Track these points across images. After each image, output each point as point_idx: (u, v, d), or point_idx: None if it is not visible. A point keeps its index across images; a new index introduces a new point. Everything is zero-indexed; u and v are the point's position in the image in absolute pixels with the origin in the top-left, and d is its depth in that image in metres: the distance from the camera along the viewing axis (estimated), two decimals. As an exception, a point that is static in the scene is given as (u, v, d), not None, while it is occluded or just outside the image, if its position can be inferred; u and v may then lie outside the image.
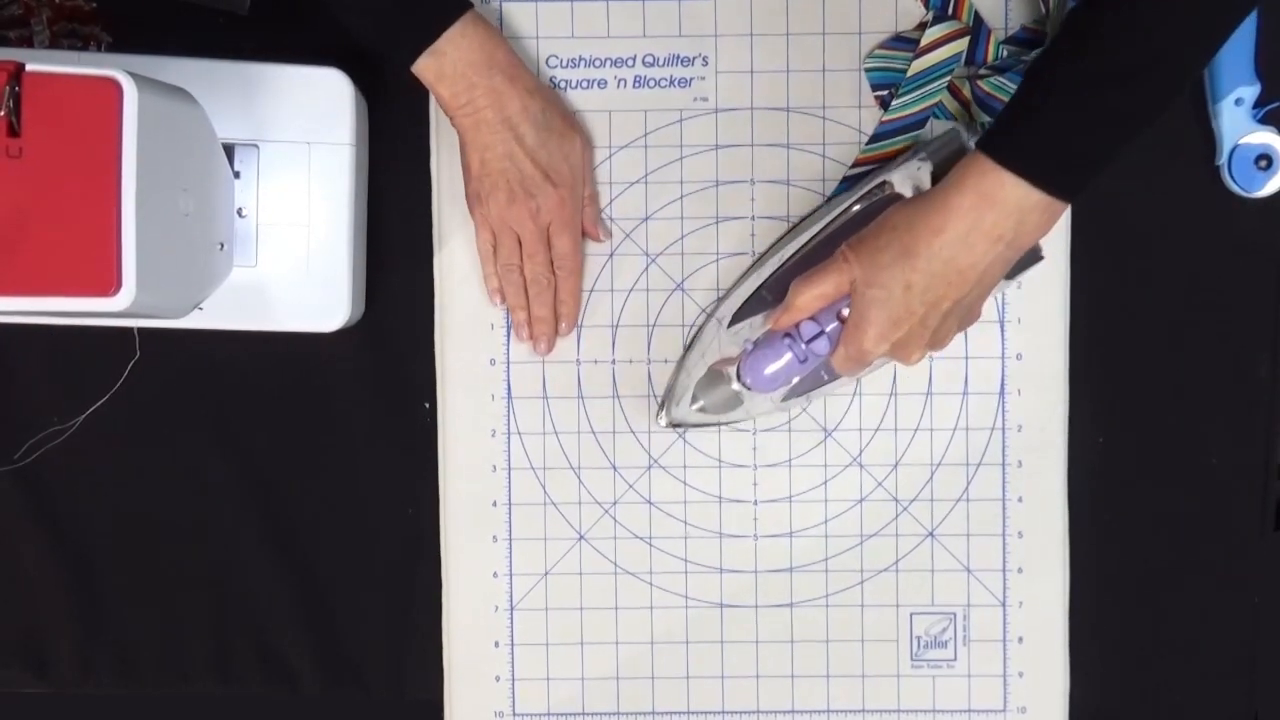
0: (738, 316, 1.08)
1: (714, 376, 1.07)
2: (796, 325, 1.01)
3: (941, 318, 0.94)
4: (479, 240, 1.09)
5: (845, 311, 0.99)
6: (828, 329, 1.00)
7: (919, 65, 1.08)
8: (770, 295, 1.07)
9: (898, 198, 1.04)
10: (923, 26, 1.09)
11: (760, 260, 1.10)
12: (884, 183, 1.06)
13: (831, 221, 1.07)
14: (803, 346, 1.01)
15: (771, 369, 1.03)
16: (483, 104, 1.03)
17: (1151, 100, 0.88)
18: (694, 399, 1.08)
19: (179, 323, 1.02)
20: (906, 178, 1.05)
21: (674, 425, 1.09)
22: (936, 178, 1.02)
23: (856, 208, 1.06)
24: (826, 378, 1.06)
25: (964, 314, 0.96)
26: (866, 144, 1.10)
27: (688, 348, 1.10)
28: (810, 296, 0.98)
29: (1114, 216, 1.10)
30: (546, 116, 1.05)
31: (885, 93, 1.10)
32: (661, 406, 1.09)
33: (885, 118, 1.10)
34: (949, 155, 1.04)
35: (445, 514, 1.13)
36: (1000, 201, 0.89)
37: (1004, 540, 1.13)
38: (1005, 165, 0.88)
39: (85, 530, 1.14)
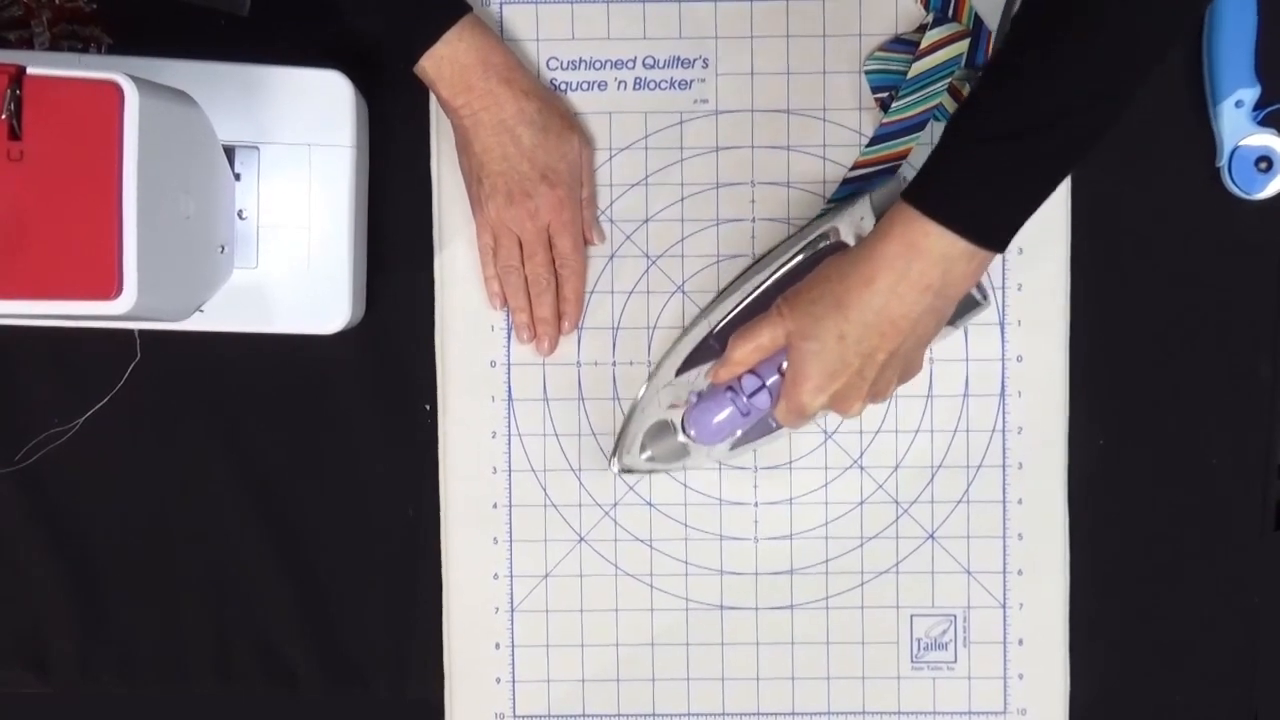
0: (685, 365, 1.08)
1: (662, 427, 1.07)
2: (738, 378, 1.01)
3: (878, 369, 0.94)
4: (479, 242, 1.10)
5: (785, 364, 0.98)
6: (768, 382, 1.01)
7: (919, 67, 1.08)
8: (717, 344, 1.06)
9: (842, 246, 1.04)
10: (923, 29, 1.08)
11: (707, 309, 1.10)
12: (828, 231, 1.06)
13: (776, 270, 1.07)
14: (744, 400, 1.01)
15: (715, 421, 1.03)
16: (479, 106, 1.03)
17: (1069, 149, 0.88)
18: (643, 448, 1.08)
19: (180, 325, 1.02)
20: (850, 226, 1.04)
21: (625, 472, 1.09)
22: None
23: (800, 257, 1.06)
24: (774, 426, 1.05)
25: (902, 364, 0.96)
26: (866, 146, 1.10)
27: (638, 394, 1.10)
28: (747, 350, 0.98)
29: (1114, 218, 1.10)
30: (543, 118, 1.05)
31: (885, 95, 1.10)
32: (614, 453, 1.09)
33: (885, 120, 1.10)
34: (892, 204, 1.03)
35: (446, 515, 1.13)
36: (925, 251, 0.89)
37: (1004, 542, 1.13)
38: (928, 215, 0.88)
39: (85, 531, 1.14)
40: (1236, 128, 1.10)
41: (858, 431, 1.13)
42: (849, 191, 1.10)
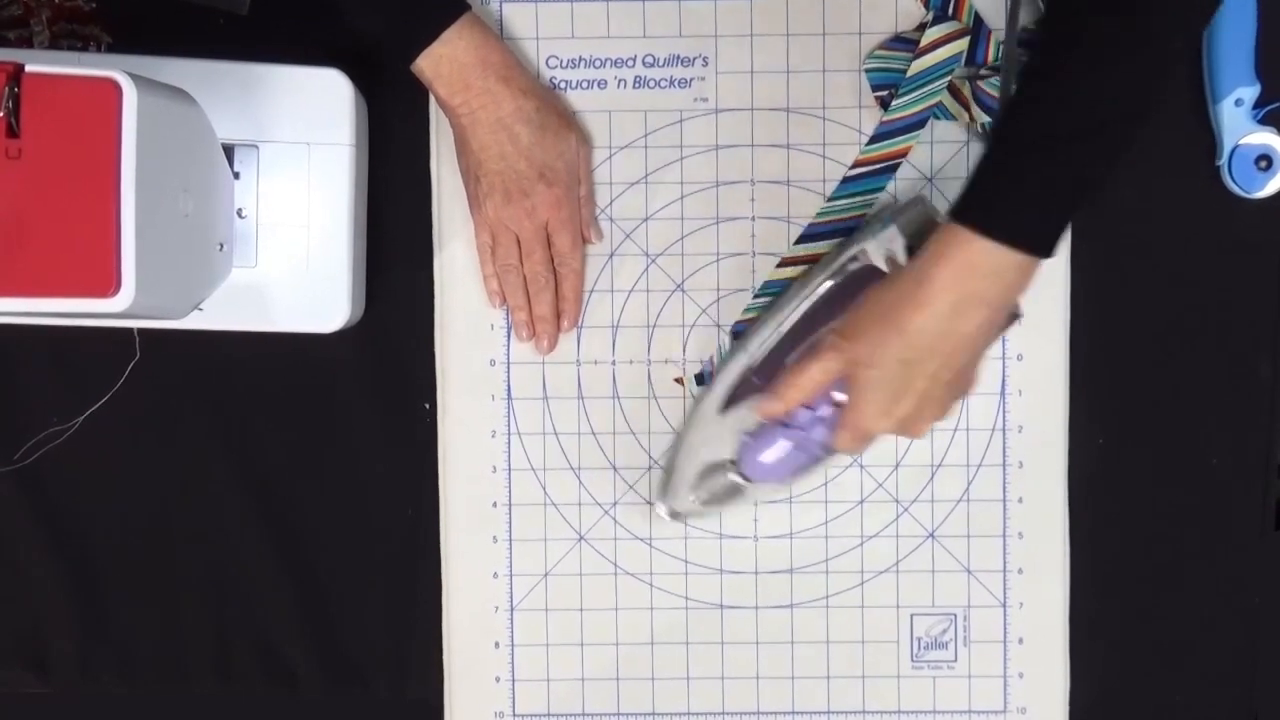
0: (729, 403, 1.07)
1: (712, 469, 1.06)
2: (790, 412, 1.01)
3: (943, 388, 0.94)
4: (478, 241, 1.10)
5: (837, 395, 0.98)
6: (822, 413, 1.00)
7: (919, 65, 1.08)
8: (759, 380, 1.05)
9: (873, 269, 1.03)
10: (923, 27, 1.08)
11: (743, 342, 1.09)
12: (857, 254, 1.05)
13: (809, 297, 1.06)
14: (801, 434, 1.01)
15: (772, 460, 1.03)
16: (478, 105, 1.03)
17: (1113, 151, 0.89)
18: (692, 491, 1.07)
19: (179, 323, 1.02)
20: (880, 248, 1.04)
21: (674, 516, 1.09)
22: (910, 247, 1.02)
23: (831, 283, 1.06)
24: (825, 454, 1.04)
25: (962, 382, 0.96)
26: (867, 144, 1.10)
27: (680, 434, 1.10)
28: (804, 383, 0.98)
29: (1114, 217, 1.10)
30: (541, 116, 1.05)
31: (885, 93, 1.10)
32: (661, 495, 1.09)
33: (885, 118, 1.10)
34: (919, 224, 1.03)
35: (445, 515, 1.13)
36: (981, 267, 0.90)
37: (1004, 541, 1.13)
38: (982, 232, 0.89)
39: (85, 530, 1.14)
40: (1236, 126, 1.10)
41: (858, 430, 1.13)
42: (849, 190, 1.10)
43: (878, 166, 1.10)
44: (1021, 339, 1.12)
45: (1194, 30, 0.89)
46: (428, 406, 1.13)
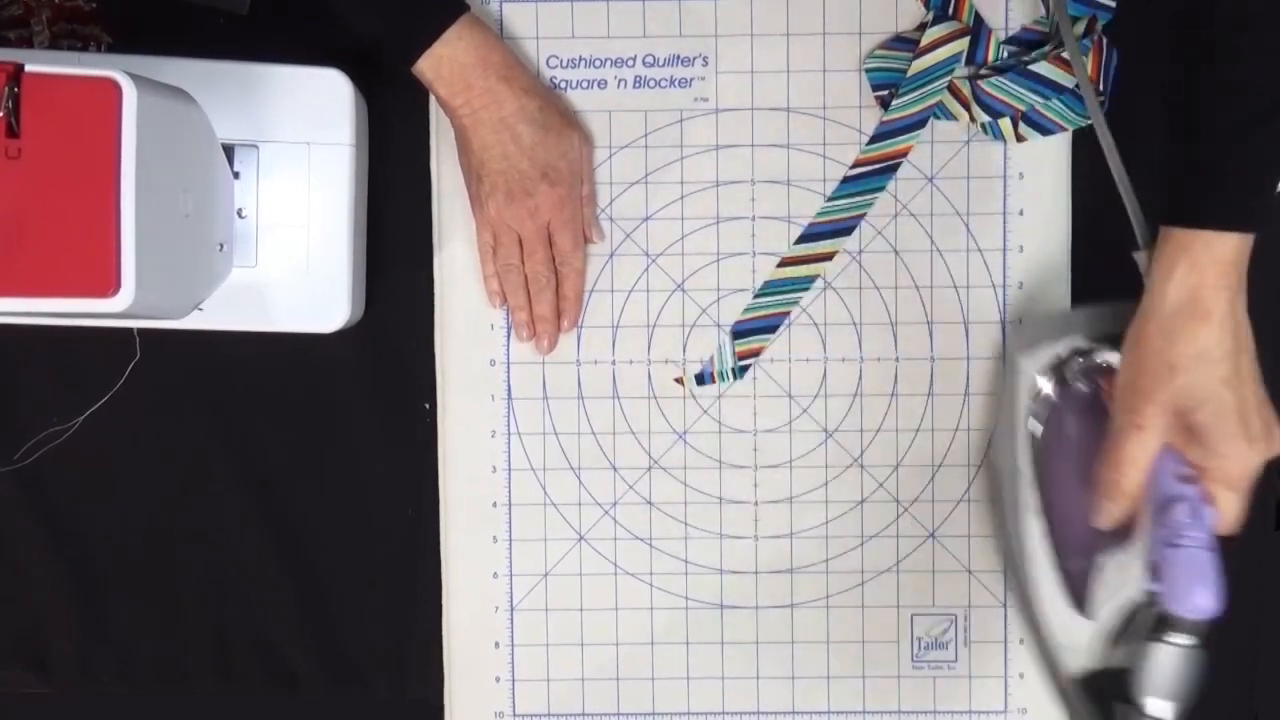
0: (1123, 638, 0.96)
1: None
2: (1172, 537, 0.91)
3: (1256, 378, 0.92)
4: (479, 241, 1.10)
5: (1178, 471, 0.92)
6: (1194, 494, 0.91)
7: (919, 65, 1.08)
8: (1073, 566, 1.00)
9: (1095, 365, 1.01)
10: (923, 27, 1.08)
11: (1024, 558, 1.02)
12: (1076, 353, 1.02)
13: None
14: (1199, 534, 0.90)
15: (1201, 584, 0.90)
16: (479, 104, 1.03)
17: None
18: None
19: (179, 323, 1.02)
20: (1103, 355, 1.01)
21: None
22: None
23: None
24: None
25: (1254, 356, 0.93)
26: (867, 144, 1.10)
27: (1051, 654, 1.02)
28: (1133, 474, 0.93)
29: (1114, 217, 1.10)
30: (543, 115, 1.05)
31: (885, 93, 1.10)
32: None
33: (885, 118, 1.10)
34: (1112, 329, 1.00)
35: (445, 515, 1.13)
36: (1229, 260, 0.90)
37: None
38: (1221, 229, 0.90)
39: (85, 530, 1.14)
40: (1237, 126, 1.09)
41: (858, 430, 1.13)
42: (849, 190, 1.10)
43: (878, 166, 1.10)
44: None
45: None
46: (428, 406, 1.13)
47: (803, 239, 1.11)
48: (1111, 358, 1.01)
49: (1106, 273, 1.11)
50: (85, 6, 1.10)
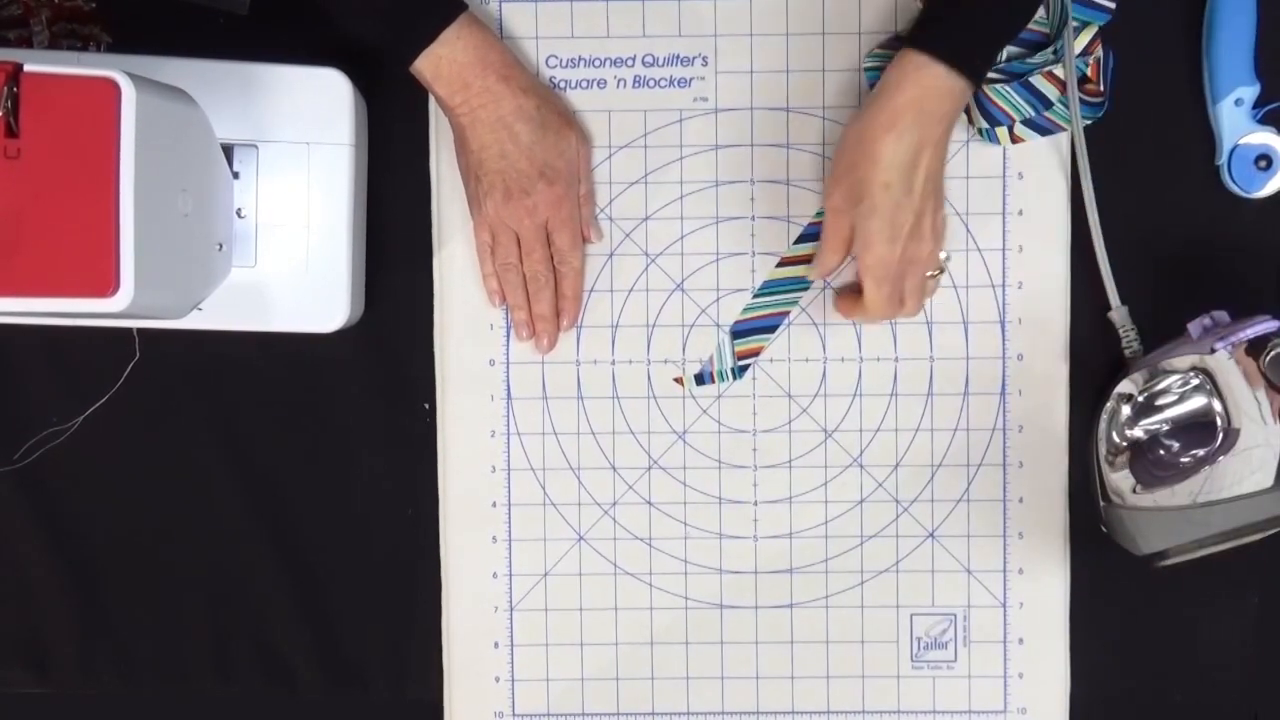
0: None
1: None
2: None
3: (930, 202, 1.02)
4: (477, 240, 1.10)
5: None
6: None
7: None
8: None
9: None
10: (923, 27, 1.09)
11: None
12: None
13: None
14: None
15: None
16: (477, 103, 1.03)
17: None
18: None
19: (178, 323, 1.02)
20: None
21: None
22: None
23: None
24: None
25: (937, 192, 1.03)
26: None
27: None
28: (830, 249, 1.05)
29: (1114, 217, 1.10)
30: (542, 115, 1.05)
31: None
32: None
33: None
34: None
35: (445, 514, 1.13)
36: (935, 89, 1.00)
37: (1004, 541, 1.13)
38: (940, 59, 0.99)
39: (85, 530, 1.14)
40: (1236, 126, 1.10)
41: (858, 430, 1.13)
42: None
43: None
44: (1022, 339, 1.12)
45: None
46: (427, 406, 1.13)
47: (802, 239, 1.11)
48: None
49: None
50: (85, 6, 1.10)
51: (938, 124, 1.01)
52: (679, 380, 1.13)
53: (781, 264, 1.11)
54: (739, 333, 1.12)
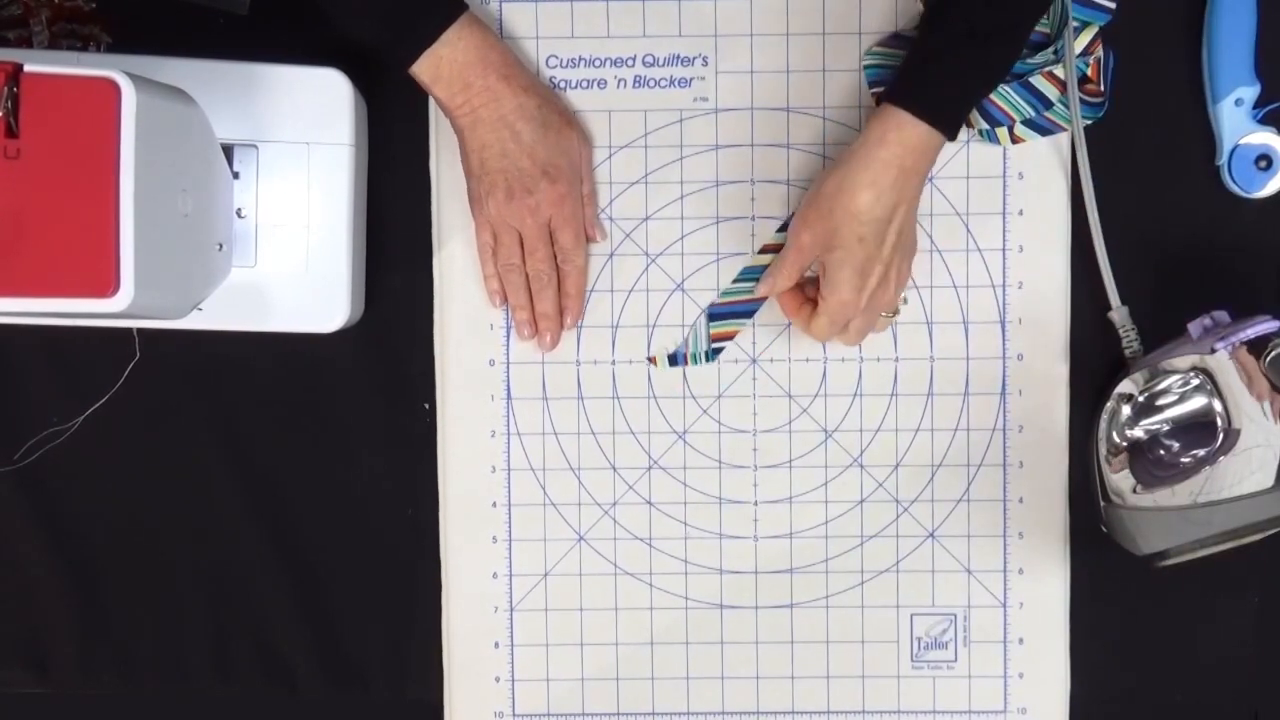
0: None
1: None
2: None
3: (900, 255, 1.04)
4: (479, 240, 1.09)
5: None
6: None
7: None
8: None
9: None
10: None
11: None
12: None
13: None
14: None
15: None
16: (479, 103, 1.03)
17: (1014, 53, 1.04)
18: None
19: (179, 323, 1.02)
20: None
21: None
22: None
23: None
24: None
25: (907, 246, 1.05)
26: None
27: None
28: (784, 275, 1.06)
29: (1114, 217, 1.10)
30: (543, 114, 1.05)
31: (881, 90, 1.10)
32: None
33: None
34: None
35: (445, 514, 1.13)
36: (915, 146, 1.01)
37: (1005, 541, 1.13)
38: (920, 116, 1.00)
39: (85, 530, 1.14)
40: (1236, 126, 1.10)
41: (858, 430, 1.13)
42: None
43: None
44: (1022, 339, 1.12)
45: None
46: (427, 406, 1.13)
47: (784, 227, 1.11)
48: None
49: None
50: (85, 6, 1.10)
51: (916, 180, 1.02)
52: (652, 360, 1.13)
53: (763, 250, 1.11)
54: (715, 315, 1.12)
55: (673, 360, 1.13)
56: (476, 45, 1.02)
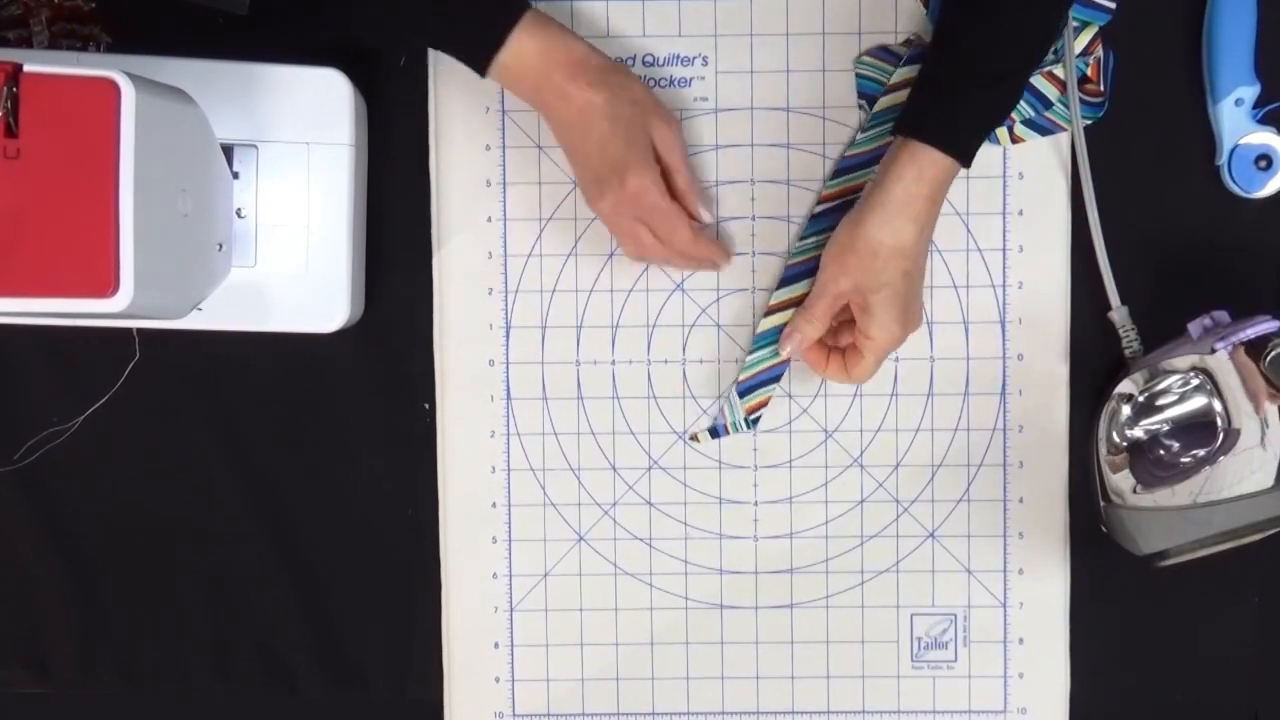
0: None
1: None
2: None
3: (923, 277, 1.07)
4: (619, 243, 1.08)
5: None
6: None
7: (885, 103, 1.09)
8: None
9: None
10: (909, 43, 1.09)
11: None
12: None
13: None
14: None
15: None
16: (553, 105, 1.02)
17: (1023, 86, 1.05)
18: None
19: (178, 323, 1.02)
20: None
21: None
22: None
23: None
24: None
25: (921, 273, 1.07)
26: (829, 179, 1.11)
27: None
28: (817, 321, 1.07)
29: (1114, 217, 1.10)
30: (612, 108, 1.02)
31: (864, 102, 1.10)
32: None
33: (848, 153, 1.10)
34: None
35: (445, 515, 1.13)
36: (944, 180, 1.02)
37: (1005, 541, 1.13)
38: (948, 152, 1.01)
39: (85, 530, 1.14)
40: (1236, 126, 1.10)
41: (858, 430, 1.13)
42: (819, 227, 1.10)
43: (843, 201, 1.10)
44: (1022, 339, 1.12)
45: None
46: (427, 406, 1.13)
47: (784, 283, 1.11)
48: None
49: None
50: (85, 6, 1.10)
51: (939, 207, 1.04)
52: (695, 437, 1.13)
53: (769, 313, 1.11)
54: (745, 391, 1.12)
55: (713, 433, 1.13)
56: (539, 48, 1.00)
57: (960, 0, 1.02)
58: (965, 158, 1.01)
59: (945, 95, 1.01)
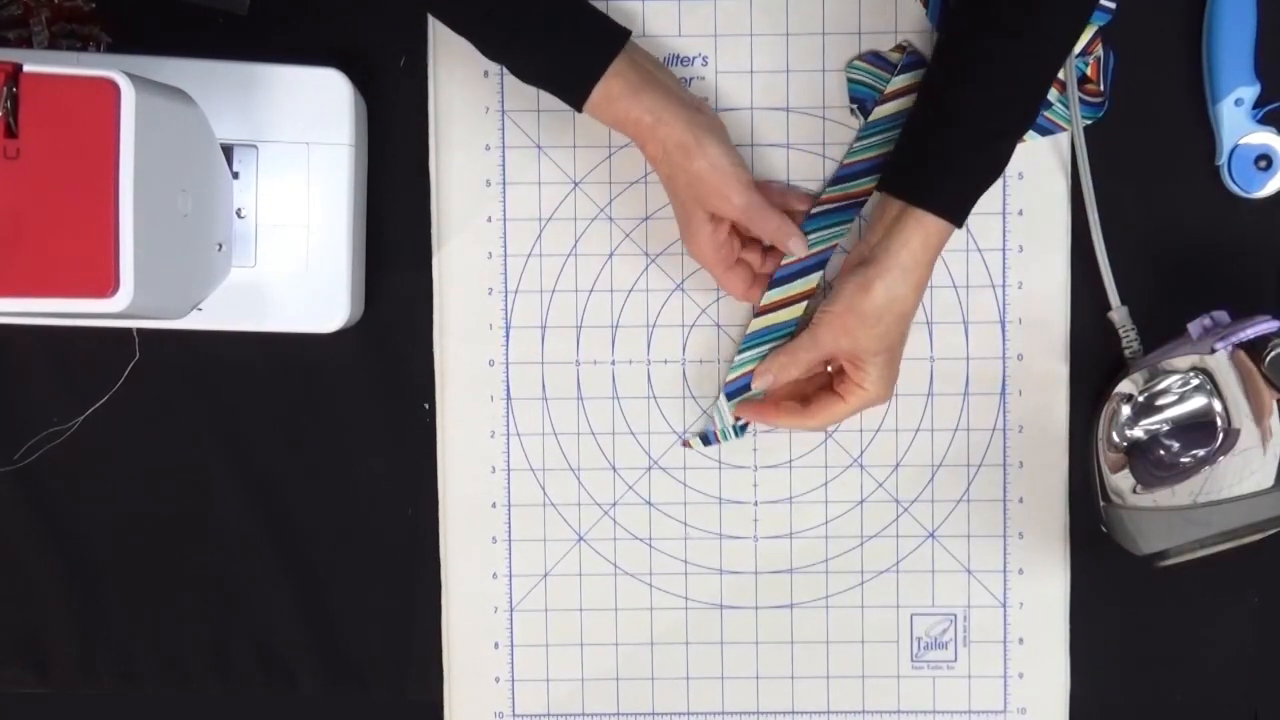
0: None
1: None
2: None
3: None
4: (723, 283, 1.09)
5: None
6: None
7: (881, 112, 1.09)
8: None
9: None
10: (901, 49, 1.09)
11: None
12: None
13: None
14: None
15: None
16: (641, 141, 1.03)
17: (1014, 146, 1.04)
18: None
19: (178, 323, 1.02)
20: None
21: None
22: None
23: None
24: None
25: None
26: (829, 185, 1.10)
27: None
28: (798, 367, 1.07)
29: (1114, 217, 1.10)
30: (671, 185, 1.04)
31: (855, 106, 1.10)
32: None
33: (845, 160, 1.10)
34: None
35: (445, 515, 1.13)
36: (941, 245, 1.03)
37: (1004, 541, 1.13)
38: (948, 219, 1.01)
39: (85, 530, 1.14)
40: (1236, 126, 1.10)
41: (858, 430, 1.13)
42: (817, 225, 1.09)
43: (843, 204, 1.10)
44: (1022, 339, 1.12)
45: (1073, 45, 1.05)
46: (427, 406, 1.13)
47: (775, 284, 1.10)
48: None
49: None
50: (85, 6, 1.10)
51: (931, 271, 1.04)
52: (687, 443, 1.13)
53: (759, 314, 1.10)
54: (732, 394, 1.11)
55: (705, 440, 1.13)
56: (620, 89, 1.00)
57: (951, 56, 1.03)
58: (961, 220, 1.03)
59: (942, 159, 1.02)
